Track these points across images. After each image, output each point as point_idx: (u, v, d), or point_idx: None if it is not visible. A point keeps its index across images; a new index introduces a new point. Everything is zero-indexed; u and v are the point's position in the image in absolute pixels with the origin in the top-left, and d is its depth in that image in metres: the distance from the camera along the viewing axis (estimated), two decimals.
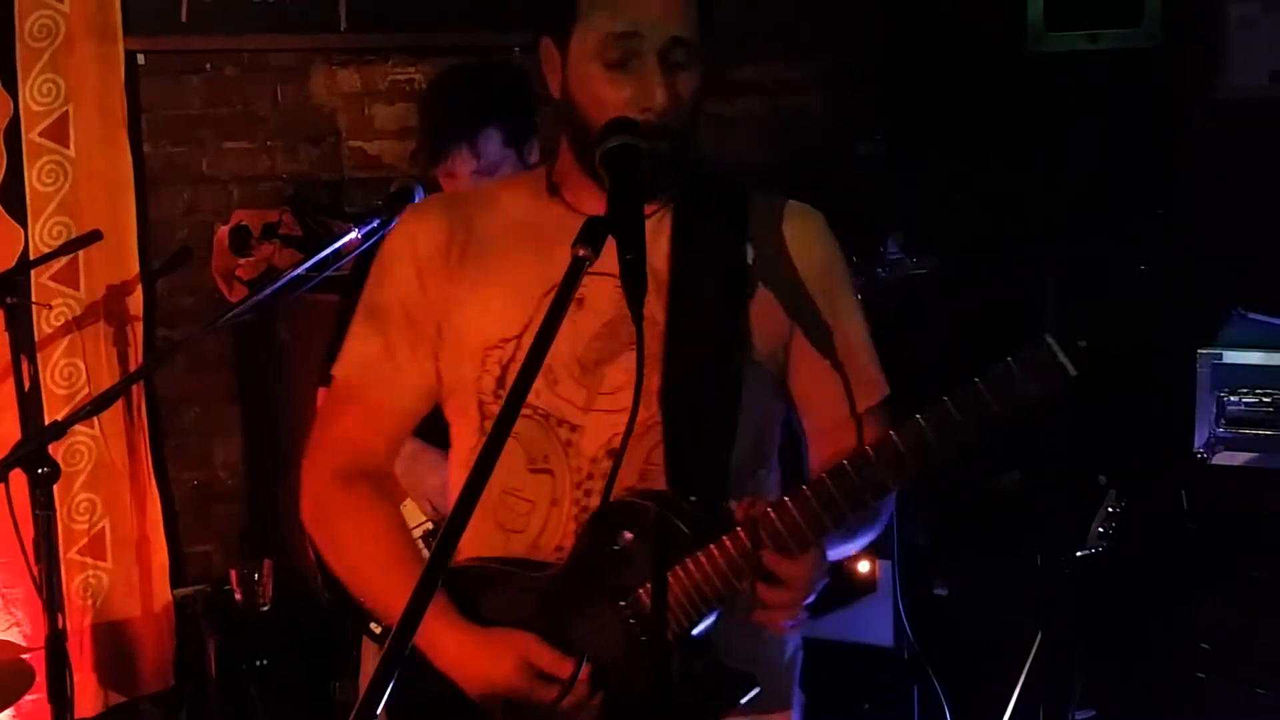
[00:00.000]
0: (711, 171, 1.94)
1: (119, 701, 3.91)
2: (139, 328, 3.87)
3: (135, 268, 3.85)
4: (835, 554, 1.86)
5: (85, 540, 3.84)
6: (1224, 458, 3.40)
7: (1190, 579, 3.45)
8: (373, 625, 2.84)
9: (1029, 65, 3.68)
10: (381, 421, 1.96)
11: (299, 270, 2.72)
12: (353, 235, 2.77)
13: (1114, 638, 3.48)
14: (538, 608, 1.82)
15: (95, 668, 3.84)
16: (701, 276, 1.85)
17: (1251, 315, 3.28)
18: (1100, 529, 3.34)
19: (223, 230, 3.88)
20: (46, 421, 3.70)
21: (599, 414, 1.84)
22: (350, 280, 2.92)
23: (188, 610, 3.94)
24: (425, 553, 2.78)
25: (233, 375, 4.08)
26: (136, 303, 3.86)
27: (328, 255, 2.75)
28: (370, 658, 2.95)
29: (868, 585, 3.71)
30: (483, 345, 1.86)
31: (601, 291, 1.82)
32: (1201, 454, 3.43)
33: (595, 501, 1.84)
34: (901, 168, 3.70)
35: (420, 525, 2.81)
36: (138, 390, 3.86)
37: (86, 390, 3.77)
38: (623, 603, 1.79)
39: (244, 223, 3.84)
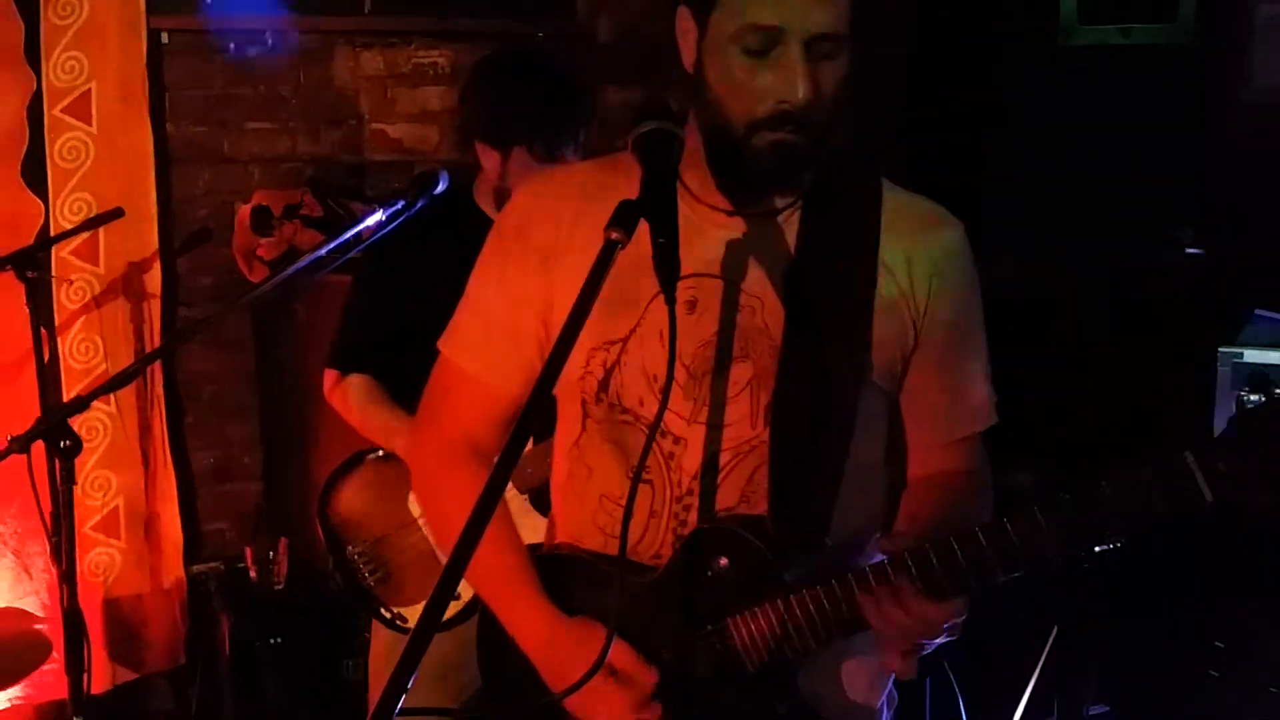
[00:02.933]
0: (847, 162, 1.82)
1: (130, 678, 3.93)
2: (157, 305, 3.88)
3: (155, 245, 3.86)
4: None
5: (99, 517, 3.86)
6: None
7: (1204, 577, 3.44)
8: (382, 610, 2.86)
9: (1061, 59, 3.66)
10: (490, 406, 1.91)
11: (323, 250, 2.71)
12: (378, 217, 2.76)
13: (1129, 634, 3.48)
14: (626, 609, 1.75)
15: (106, 644, 3.85)
16: (827, 287, 1.75)
17: (1272, 315, 3.26)
18: None
19: (244, 210, 3.88)
20: (65, 397, 3.73)
21: (702, 427, 1.77)
22: (363, 262, 2.92)
23: (201, 588, 3.95)
24: (432, 539, 2.80)
25: (251, 355, 4.08)
26: (155, 280, 3.87)
27: (350, 237, 2.74)
28: (380, 639, 2.96)
29: None
30: (589, 345, 1.80)
31: (718, 295, 1.77)
32: None
33: (693, 517, 1.79)
34: (926, 162, 3.70)
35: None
36: (155, 368, 3.87)
37: (105, 366, 3.78)
38: (711, 627, 1.75)
39: (265, 203, 3.85)
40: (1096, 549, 3.31)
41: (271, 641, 3.61)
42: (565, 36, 4.17)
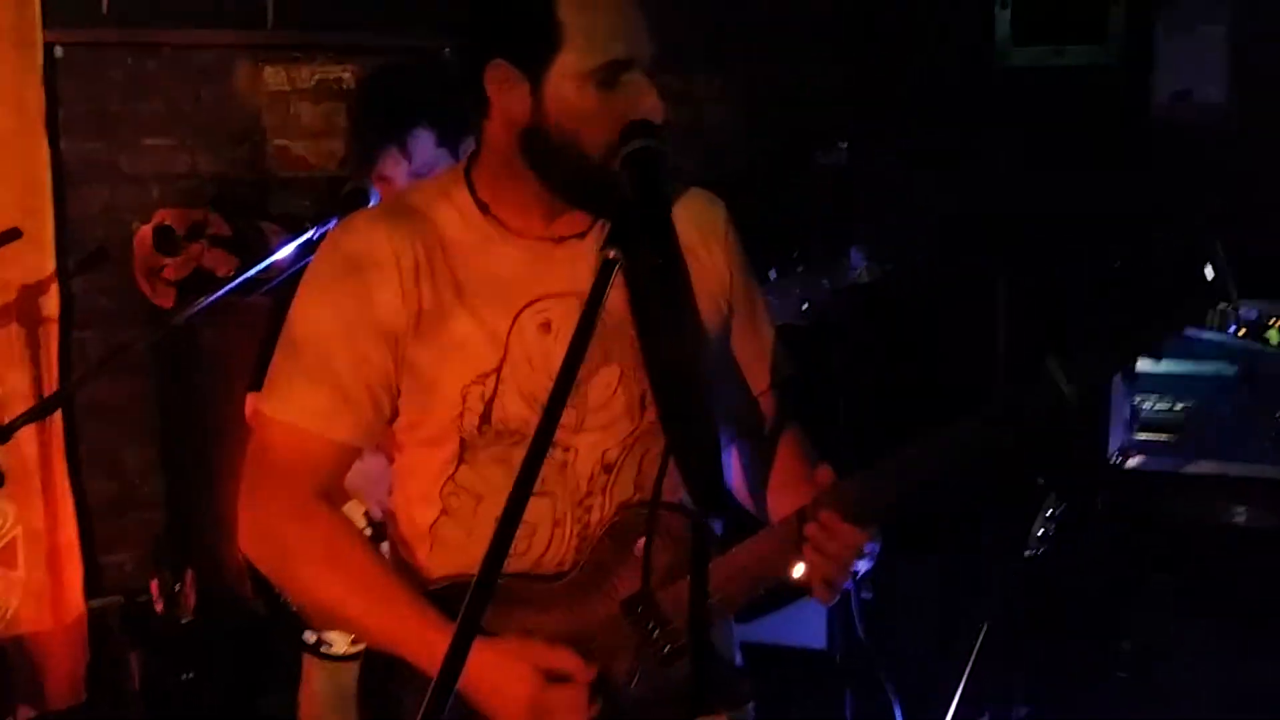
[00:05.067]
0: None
1: (29, 716, 3.77)
2: (55, 329, 3.73)
3: (52, 267, 3.71)
4: None
5: None
6: (1137, 462, 3.49)
7: (1108, 581, 3.53)
8: (307, 635, 2.77)
9: (996, 78, 3.77)
10: (331, 463, 1.84)
11: (255, 270, 2.63)
12: (309, 235, 2.69)
13: (1048, 636, 3.55)
14: (545, 617, 1.82)
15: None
16: (654, 283, 1.78)
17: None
18: (1040, 531, 3.39)
19: (145, 230, 3.75)
20: None
21: (589, 432, 1.85)
22: (290, 287, 2.83)
23: (102, 621, 3.81)
24: None
25: (147, 379, 3.96)
26: (53, 303, 3.72)
27: (284, 259, 2.66)
28: (313, 672, 2.87)
29: (799, 588, 3.72)
30: (460, 383, 1.80)
31: (567, 314, 1.82)
32: (1116, 458, 3.52)
33: (595, 516, 1.85)
34: (865, 178, 3.76)
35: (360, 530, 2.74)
36: (47, 393, 3.73)
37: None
38: (640, 607, 1.80)
39: (168, 222, 3.72)
40: (1026, 553, 3.38)
41: (184, 677, 3.50)
42: None
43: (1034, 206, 3.71)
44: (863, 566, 1.82)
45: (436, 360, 1.80)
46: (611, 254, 1.53)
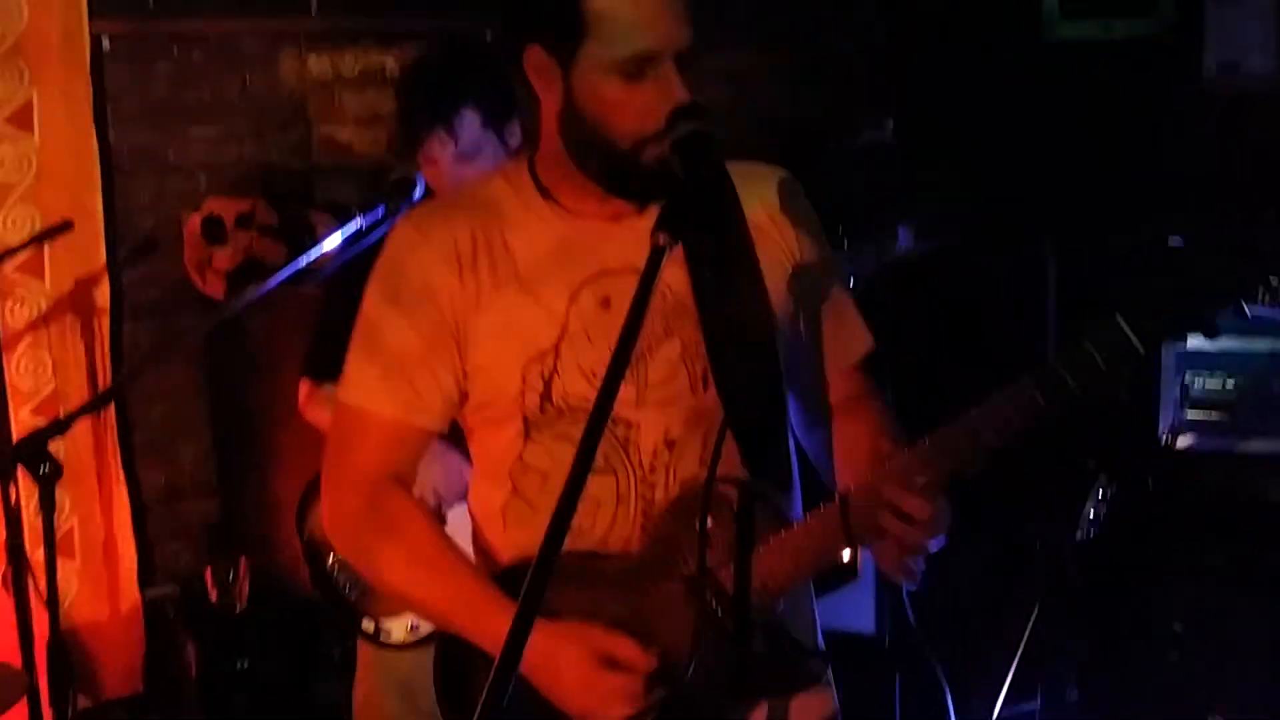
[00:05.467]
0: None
1: (86, 707, 3.79)
2: (106, 320, 3.74)
3: (103, 259, 3.73)
4: None
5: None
6: (1188, 441, 3.46)
7: (1160, 561, 3.50)
8: (365, 624, 2.78)
9: (1044, 52, 3.73)
10: (405, 447, 1.91)
11: (306, 259, 2.64)
12: (357, 224, 2.69)
13: (1098, 618, 3.53)
14: (608, 596, 1.82)
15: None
16: (717, 257, 1.85)
17: None
18: (1091, 513, 3.37)
19: (194, 220, 3.76)
20: (13, 418, 3.59)
21: (650, 408, 1.85)
22: (341, 275, 2.84)
23: (158, 611, 3.84)
24: None
25: (199, 369, 3.98)
26: (104, 295, 3.73)
27: (333, 249, 2.67)
28: (370, 661, 2.88)
29: (849, 572, 3.71)
30: (522, 361, 1.83)
31: (626, 290, 1.78)
32: (1166, 438, 3.48)
33: (659, 495, 1.85)
34: (912, 155, 3.73)
35: None
36: (101, 384, 3.75)
37: (53, 385, 3.65)
38: (703, 587, 1.78)
39: (216, 212, 3.73)
40: (1077, 535, 3.36)
41: (239, 665, 3.52)
42: None
43: (1083, 180, 3.68)
44: (934, 546, 1.77)
45: (497, 341, 1.83)
46: (661, 240, 1.54)
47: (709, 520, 1.77)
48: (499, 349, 1.84)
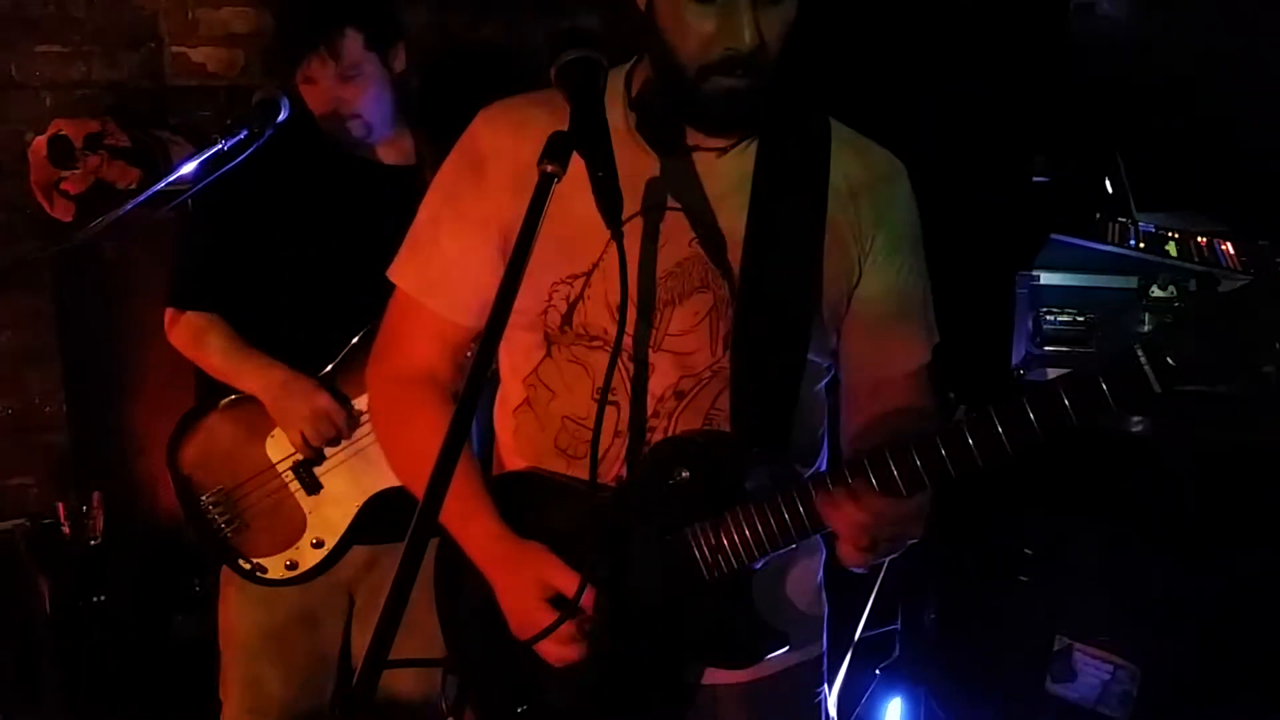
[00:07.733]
0: (796, 101, 1.87)
1: None
2: None
3: None
4: None
5: None
6: (1039, 375, 3.55)
7: (1013, 489, 3.61)
8: (240, 561, 2.73)
9: None
10: (448, 340, 1.94)
11: (164, 183, 2.54)
12: (217, 147, 2.60)
13: (950, 544, 3.62)
14: (580, 528, 1.81)
15: None
16: (782, 221, 1.81)
17: (1065, 239, 3.40)
18: None
19: (39, 141, 3.60)
20: None
21: (667, 354, 1.82)
22: (204, 198, 2.74)
23: (8, 547, 3.71)
24: (292, 485, 2.71)
25: (47, 296, 3.83)
26: None
27: (190, 172, 2.57)
28: (243, 597, 2.81)
29: None
30: (550, 280, 1.82)
31: (676, 227, 1.80)
32: (1020, 371, 3.57)
33: (657, 439, 1.82)
34: None
35: (290, 456, 2.70)
36: None
37: None
38: (670, 538, 1.78)
39: (64, 132, 3.57)
40: None
41: (95, 599, 3.43)
42: None
43: (948, 118, 3.72)
44: (907, 539, 1.71)
45: (540, 252, 1.67)
46: (549, 168, 1.53)
47: (684, 472, 1.76)
48: (538, 261, 1.69)
